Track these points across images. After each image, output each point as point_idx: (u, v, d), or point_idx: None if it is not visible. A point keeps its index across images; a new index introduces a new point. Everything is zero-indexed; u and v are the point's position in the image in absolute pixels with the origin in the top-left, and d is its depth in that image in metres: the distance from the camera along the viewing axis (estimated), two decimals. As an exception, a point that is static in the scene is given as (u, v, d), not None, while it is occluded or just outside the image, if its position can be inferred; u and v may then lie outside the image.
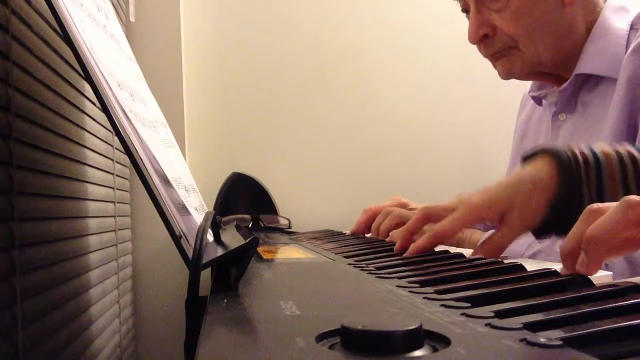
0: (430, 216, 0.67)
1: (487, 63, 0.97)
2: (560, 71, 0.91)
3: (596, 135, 0.83)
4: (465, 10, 0.92)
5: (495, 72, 0.95)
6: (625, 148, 0.60)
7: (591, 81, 0.87)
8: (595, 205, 0.43)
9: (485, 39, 0.89)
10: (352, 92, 1.51)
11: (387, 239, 0.88)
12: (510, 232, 0.60)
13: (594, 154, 0.60)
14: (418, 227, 0.67)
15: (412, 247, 0.61)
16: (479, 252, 0.59)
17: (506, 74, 0.91)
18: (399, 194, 1.07)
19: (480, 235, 0.86)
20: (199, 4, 1.44)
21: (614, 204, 0.42)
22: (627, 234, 0.40)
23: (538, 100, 0.99)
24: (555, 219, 0.59)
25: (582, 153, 0.60)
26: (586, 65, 0.86)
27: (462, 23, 0.96)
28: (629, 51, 0.80)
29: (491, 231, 0.64)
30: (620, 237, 0.41)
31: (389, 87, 1.52)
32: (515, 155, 1.06)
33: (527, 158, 0.64)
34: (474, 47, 0.93)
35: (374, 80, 1.52)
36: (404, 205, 0.98)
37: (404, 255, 0.61)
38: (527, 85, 1.03)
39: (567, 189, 0.58)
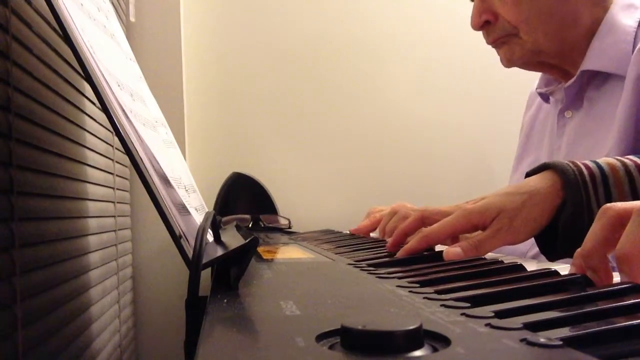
0: (426, 219, 0.67)
1: (491, 62, 0.97)
2: (565, 65, 0.90)
3: (602, 133, 0.82)
4: None
5: (499, 72, 0.95)
6: (629, 158, 0.60)
7: (598, 78, 0.87)
8: (608, 205, 0.43)
9: (487, 25, 0.89)
10: (352, 92, 1.51)
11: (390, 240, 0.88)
12: (493, 235, 0.58)
13: (599, 166, 0.59)
14: (412, 229, 0.68)
15: (403, 250, 0.61)
16: (454, 247, 0.57)
17: (507, 62, 0.91)
18: (400, 194, 1.07)
19: None
20: (199, 4, 1.44)
21: (629, 202, 0.42)
22: (616, 237, 0.40)
23: (545, 97, 0.99)
24: (564, 236, 0.58)
25: (587, 167, 0.59)
26: (592, 62, 0.85)
27: (466, 21, 0.95)
28: (637, 49, 0.79)
29: (477, 232, 0.63)
30: (613, 243, 0.41)
31: (390, 86, 1.52)
32: (521, 153, 1.06)
33: (530, 174, 0.63)
34: (478, 46, 0.93)
35: (375, 79, 1.52)
36: None
37: (396, 256, 0.61)
38: (534, 83, 1.03)
39: (574, 205, 0.57)
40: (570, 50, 0.88)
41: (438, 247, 0.66)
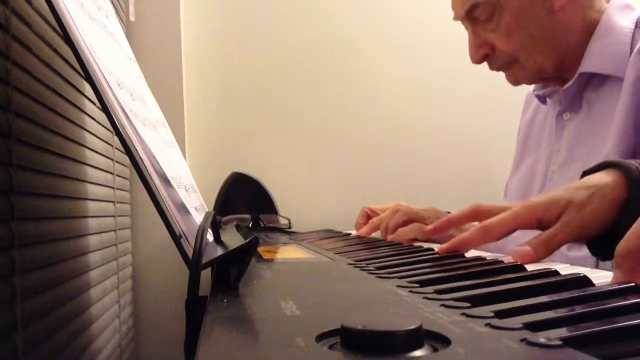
0: (480, 214, 0.62)
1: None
2: (563, 72, 0.91)
3: (602, 135, 0.82)
4: (456, 18, 0.94)
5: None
6: None
7: (596, 80, 0.87)
8: None
9: (486, 57, 0.91)
10: (352, 92, 1.51)
11: (391, 236, 0.88)
12: (563, 229, 0.54)
13: None
14: (462, 222, 0.63)
15: (458, 239, 0.57)
16: (523, 246, 0.53)
17: (514, 84, 0.93)
18: (399, 194, 1.07)
19: None
20: (199, 4, 1.44)
21: None
22: None
23: (542, 99, 0.99)
24: (621, 232, 0.56)
25: None
26: (590, 64, 0.86)
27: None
28: (635, 51, 0.79)
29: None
30: None
31: (390, 86, 1.52)
32: (520, 155, 1.06)
33: (588, 172, 0.61)
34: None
35: (374, 79, 1.52)
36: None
37: (450, 245, 0.57)
38: (529, 87, 1.03)
39: (638, 200, 0.55)
40: (565, 60, 0.88)
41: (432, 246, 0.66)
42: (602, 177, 0.58)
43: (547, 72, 0.89)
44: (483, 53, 0.90)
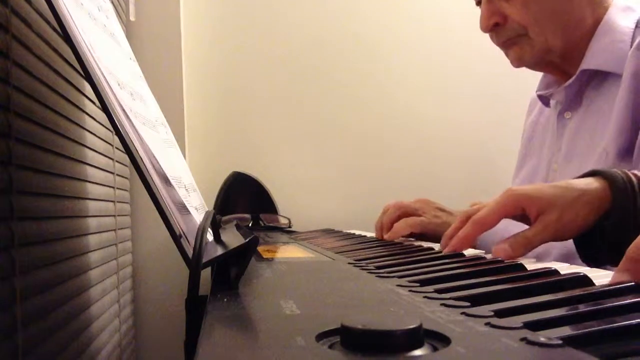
0: (471, 216, 0.62)
1: (494, 61, 0.97)
2: (567, 65, 0.91)
3: (600, 129, 0.83)
4: (479, 2, 0.93)
5: (502, 71, 0.95)
6: None
7: (597, 78, 0.88)
8: None
9: (496, 27, 0.90)
10: (353, 91, 1.51)
11: (388, 234, 0.88)
12: (542, 230, 0.56)
13: None
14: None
15: (455, 239, 0.59)
16: (502, 243, 0.55)
17: (517, 62, 0.92)
18: (400, 194, 1.06)
19: None
20: (199, 4, 1.44)
21: None
22: None
23: (545, 100, 1.00)
24: (609, 242, 0.56)
25: (635, 175, 0.57)
26: (591, 61, 0.87)
27: (468, 20, 0.96)
28: (633, 46, 0.80)
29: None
30: None
31: (391, 85, 1.52)
32: (523, 157, 1.06)
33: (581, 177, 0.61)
34: (480, 45, 0.94)
35: (376, 78, 1.51)
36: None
37: (449, 247, 0.59)
38: (535, 87, 1.03)
39: (622, 210, 0.56)
40: (573, 50, 0.89)
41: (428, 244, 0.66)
42: (588, 183, 0.59)
43: (553, 54, 0.89)
44: (494, 22, 0.89)
